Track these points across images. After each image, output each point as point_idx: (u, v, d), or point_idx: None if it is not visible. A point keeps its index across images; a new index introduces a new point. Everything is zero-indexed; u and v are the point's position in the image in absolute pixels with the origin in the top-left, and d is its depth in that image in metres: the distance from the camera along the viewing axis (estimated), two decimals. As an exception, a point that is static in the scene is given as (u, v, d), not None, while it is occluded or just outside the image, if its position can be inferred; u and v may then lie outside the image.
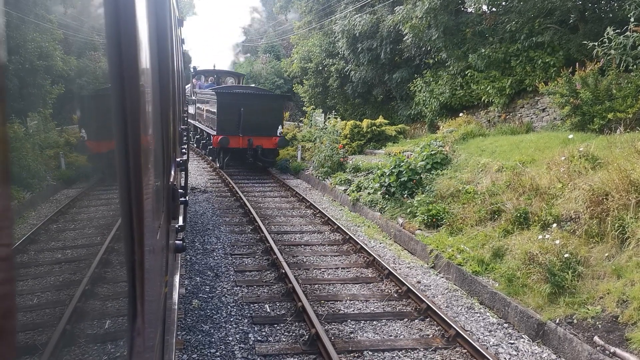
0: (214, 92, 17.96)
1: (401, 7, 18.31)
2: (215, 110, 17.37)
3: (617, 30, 10.05)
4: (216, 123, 17.22)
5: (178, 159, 5.18)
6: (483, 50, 15.91)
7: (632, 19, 9.63)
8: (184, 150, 7.72)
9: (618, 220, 6.83)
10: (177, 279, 4.01)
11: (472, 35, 16.93)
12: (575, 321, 6.09)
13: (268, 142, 17.58)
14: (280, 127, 17.78)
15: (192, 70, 23.84)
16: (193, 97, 23.31)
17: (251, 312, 6.98)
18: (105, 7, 1.00)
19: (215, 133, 17.28)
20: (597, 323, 5.89)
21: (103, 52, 1.06)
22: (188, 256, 9.10)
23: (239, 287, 7.80)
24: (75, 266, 0.99)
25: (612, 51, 10.17)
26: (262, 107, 17.41)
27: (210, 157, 20.24)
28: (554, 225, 7.67)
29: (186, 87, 25.97)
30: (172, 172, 3.61)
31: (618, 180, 7.24)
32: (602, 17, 14.25)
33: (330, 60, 26.42)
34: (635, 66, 10.71)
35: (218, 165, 18.55)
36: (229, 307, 7.09)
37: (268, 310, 7.08)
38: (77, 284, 0.98)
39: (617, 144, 8.60)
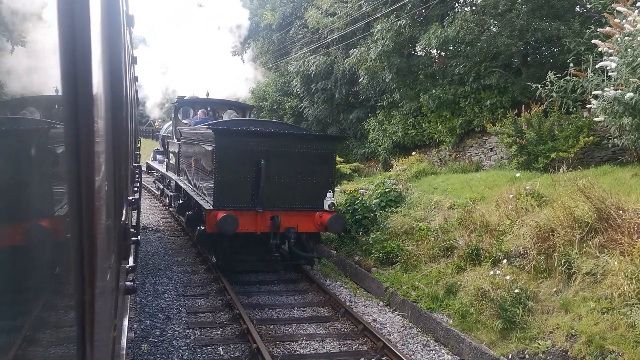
0: (210, 131, 9.52)
1: (355, 50, 18.86)
2: (212, 164, 9.39)
3: (557, 75, 10.64)
4: (214, 188, 9.23)
5: (130, 198, 5.07)
6: (434, 91, 16.50)
7: (571, 64, 10.23)
8: (136, 188, 7.57)
9: (564, 256, 7.07)
10: (126, 322, 3.86)
11: (423, 77, 17.55)
12: (527, 356, 6.19)
13: (307, 222, 9.65)
14: (330, 193, 9.75)
15: (175, 100, 16.22)
16: (174, 140, 14.54)
17: (204, 355, 6.75)
18: (60, 46, 0.99)
19: (211, 206, 9.19)
20: (548, 358, 6.00)
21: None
22: (138, 298, 8.78)
23: (191, 330, 7.56)
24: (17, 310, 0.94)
25: (554, 94, 10.73)
26: (298, 159, 9.61)
27: (202, 246, 11.53)
28: (504, 261, 7.86)
29: (165, 125, 20.28)
30: (124, 211, 3.52)
31: (563, 217, 7.53)
32: (543, 62, 15.09)
33: (285, 98, 26.77)
34: (575, 108, 11.33)
35: (214, 260, 10.04)
36: (180, 350, 6.84)
37: (222, 352, 6.87)
38: (19, 329, 0.93)
39: (561, 182, 8.99)
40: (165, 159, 17.26)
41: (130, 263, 3.94)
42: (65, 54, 1.00)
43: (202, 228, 9.53)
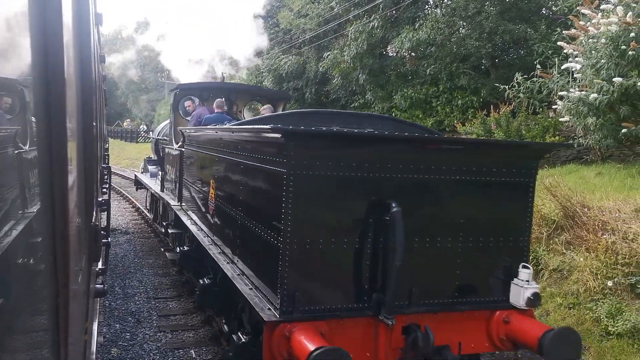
0: (278, 135, 3.52)
1: (328, 52, 18.93)
2: (273, 209, 3.70)
3: (524, 76, 10.88)
4: (282, 267, 3.55)
5: (100, 199, 4.98)
6: (406, 91, 16.69)
7: (538, 66, 10.47)
8: (105, 189, 7.44)
9: (532, 253, 7.23)
10: (95, 326, 3.80)
11: (395, 78, 17.73)
12: (497, 353, 6.30)
13: (477, 334, 4.17)
14: (526, 271, 4.10)
15: (175, 87, 10.62)
16: (173, 144, 9.56)
17: (175, 358, 6.67)
18: (32, 43, 0.97)
19: (276, 313, 3.57)
20: (518, 353, 6.12)
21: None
22: (107, 302, 8.62)
23: (162, 333, 7.46)
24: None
25: (521, 95, 10.97)
26: (463, 197, 4.07)
27: None
28: (475, 259, 7.98)
29: (160, 126, 14.55)
30: (94, 213, 3.46)
31: (531, 215, 7.69)
32: (511, 64, 15.42)
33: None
34: (541, 109, 11.60)
35: None
36: (151, 354, 6.75)
37: (194, 355, 6.80)
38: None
39: (529, 181, 9.16)
40: (161, 173, 11.49)
41: (100, 265, 3.87)
42: (37, 52, 0.98)
43: (245, 340, 4.43)
